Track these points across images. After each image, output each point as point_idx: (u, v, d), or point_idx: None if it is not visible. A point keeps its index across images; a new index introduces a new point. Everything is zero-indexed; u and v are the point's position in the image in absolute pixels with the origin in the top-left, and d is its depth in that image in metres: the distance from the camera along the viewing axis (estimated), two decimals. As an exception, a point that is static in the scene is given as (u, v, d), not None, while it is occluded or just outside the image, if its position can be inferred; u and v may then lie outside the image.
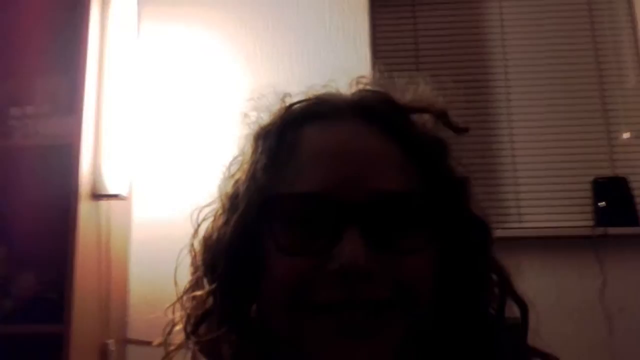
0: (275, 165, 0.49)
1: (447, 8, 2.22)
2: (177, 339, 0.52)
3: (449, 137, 0.53)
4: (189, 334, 0.51)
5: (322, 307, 0.44)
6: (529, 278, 1.88)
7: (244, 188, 0.50)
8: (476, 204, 0.52)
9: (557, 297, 1.80)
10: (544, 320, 1.84)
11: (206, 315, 0.51)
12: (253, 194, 0.49)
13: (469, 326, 0.49)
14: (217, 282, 0.49)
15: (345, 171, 0.46)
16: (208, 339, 0.50)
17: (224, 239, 0.49)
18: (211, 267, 0.50)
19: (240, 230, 0.49)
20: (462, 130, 0.54)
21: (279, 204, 0.47)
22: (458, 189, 0.51)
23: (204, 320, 0.51)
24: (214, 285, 0.50)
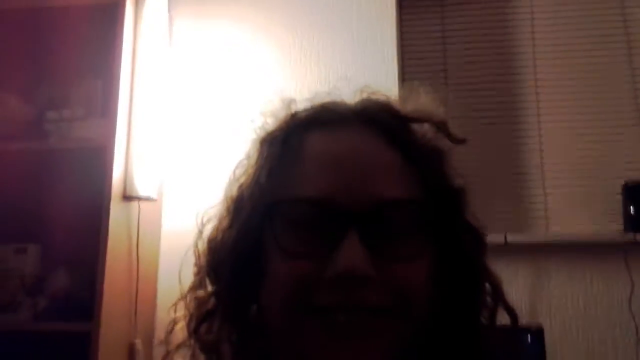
0: (279, 170, 0.51)
1: (476, 8, 2.20)
2: (179, 337, 0.54)
3: (453, 145, 0.55)
4: (191, 332, 0.53)
5: (321, 309, 0.46)
6: (557, 284, 1.85)
7: (248, 192, 0.52)
8: (471, 213, 0.53)
9: (586, 304, 1.77)
10: (573, 326, 1.83)
11: (208, 315, 0.53)
12: (257, 198, 0.51)
13: (462, 333, 0.51)
14: (220, 282, 0.52)
15: (346, 178, 0.48)
16: (209, 339, 0.52)
17: (228, 241, 0.51)
18: (214, 268, 0.52)
19: (244, 232, 0.51)
20: (460, 141, 0.55)
21: (281, 208, 0.49)
22: (455, 198, 0.53)
23: (205, 319, 0.53)
24: (216, 285, 0.52)
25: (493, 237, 1.26)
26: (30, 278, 1.76)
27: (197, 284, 0.54)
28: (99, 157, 1.74)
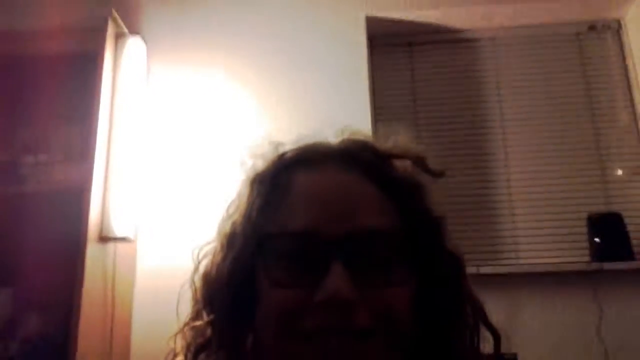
0: (269, 206, 0.55)
1: (443, 48, 2.31)
2: None
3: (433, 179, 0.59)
4: None
5: (310, 335, 0.49)
6: (529, 313, 1.87)
7: (240, 228, 0.56)
8: (451, 241, 0.57)
9: (555, 333, 1.80)
10: (545, 354, 1.85)
11: (205, 345, 0.56)
12: (248, 233, 0.55)
13: (447, 354, 0.54)
14: (216, 313, 0.55)
15: (330, 211, 0.52)
16: None
17: (222, 274, 0.55)
18: (210, 300, 0.56)
19: (237, 265, 0.54)
20: (438, 175, 0.59)
21: (271, 242, 0.53)
22: (434, 227, 0.56)
23: (203, 349, 0.56)
24: (212, 316, 0.55)
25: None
26: (0, 322, 1.73)
27: (194, 316, 0.57)
28: (76, 200, 1.75)
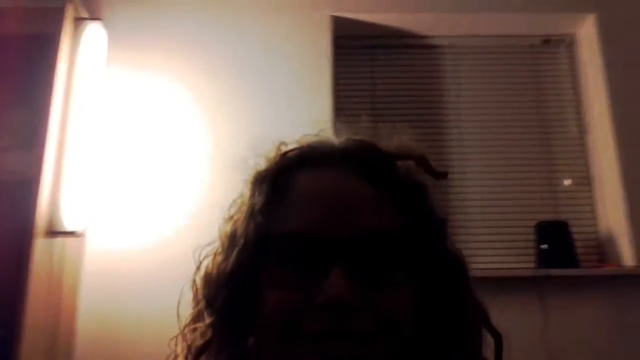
0: (270, 207, 0.54)
1: (405, 53, 2.35)
2: None
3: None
4: None
5: (310, 338, 0.48)
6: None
7: (241, 228, 0.55)
8: (452, 243, 0.57)
9: (504, 336, 1.85)
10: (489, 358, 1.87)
11: (206, 346, 0.54)
12: (250, 234, 0.54)
13: (448, 357, 0.53)
14: (216, 314, 0.54)
15: (330, 212, 0.51)
16: None
17: (223, 275, 0.54)
18: (211, 301, 0.54)
19: (238, 266, 0.53)
20: (441, 176, 0.59)
21: (272, 243, 0.52)
22: (436, 229, 0.56)
23: (204, 351, 0.55)
24: (213, 317, 0.54)
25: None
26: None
27: (195, 317, 0.56)
28: (25, 191, 1.68)
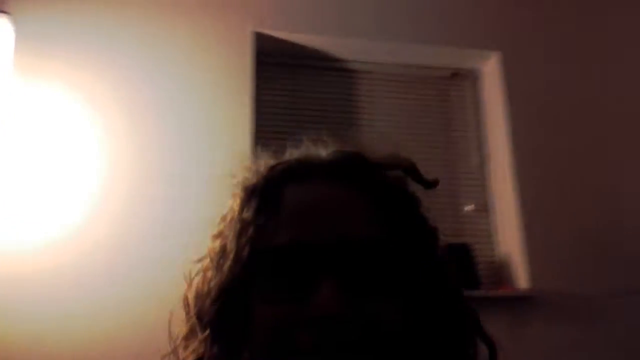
0: (258, 222, 0.54)
1: (324, 75, 2.40)
2: None
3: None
4: None
5: (302, 351, 0.47)
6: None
7: (231, 244, 0.55)
8: (443, 251, 0.57)
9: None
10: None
11: None
12: (239, 249, 0.53)
13: None
14: (209, 329, 0.54)
15: (318, 223, 0.51)
16: None
17: (214, 291, 0.54)
18: (203, 317, 0.55)
19: (229, 282, 0.53)
20: (431, 184, 0.59)
21: (260, 258, 0.52)
22: (426, 237, 0.56)
23: None
24: (205, 333, 0.54)
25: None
26: None
27: (188, 333, 0.56)
28: None
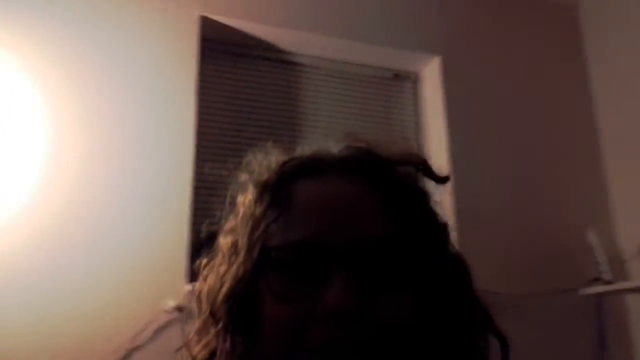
0: (270, 218, 0.53)
1: (269, 66, 2.35)
2: None
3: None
4: None
5: (313, 348, 0.47)
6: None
7: (242, 240, 0.55)
8: (454, 247, 0.57)
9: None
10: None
11: (211, 357, 0.55)
12: (250, 246, 0.53)
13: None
14: (221, 325, 0.54)
15: (330, 219, 0.50)
16: None
17: (226, 286, 0.54)
18: (215, 312, 0.55)
19: (240, 278, 0.53)
20: (443, 180, 0.59)
21: (271, 255, 0.51)
22: (438, 233, 0.56)
23: None
24: (217, 328, 0.54)
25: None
26: None
27: (200, 328, 0.56)
28: None
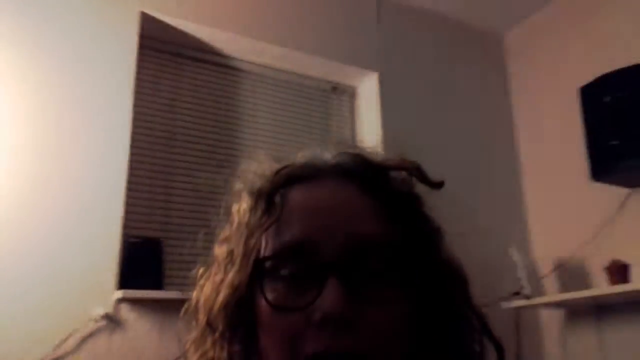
0: (264, 226, 0.53)
1: (209, 69, 2.40)
2: None
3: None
4: None
5: (310, 357, 0.47)
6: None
7: (237, 248, 0.54)
8: (449, 251, 0.56)
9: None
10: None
11: None
12: (245, 255, 0.53)
13: None
14: (218, 334, 0.54)
15: (322, 223, 0.50)
16: None
17: (222, 296, 0.53)
18: (212, 322, 0.54)
19: (236, 287, 0.53)
20: (436, 185, 0.58)
21: (265, 264, 0.51)
22: (432, 238, 0.55)
23: None
24: (215, 337, 0.54)
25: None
26: None
27: (198, 338, 0.56)
28: None
